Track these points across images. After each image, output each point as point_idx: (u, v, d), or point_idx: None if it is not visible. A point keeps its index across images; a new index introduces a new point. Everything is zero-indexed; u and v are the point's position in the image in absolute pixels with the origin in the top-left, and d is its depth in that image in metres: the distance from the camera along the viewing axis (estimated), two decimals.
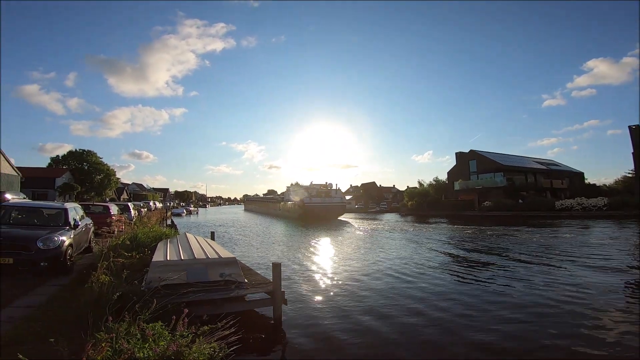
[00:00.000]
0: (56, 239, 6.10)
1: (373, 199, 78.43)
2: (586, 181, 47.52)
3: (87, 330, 2.99)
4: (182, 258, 5.53)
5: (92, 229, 9.29)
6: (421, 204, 47.19)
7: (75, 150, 50.02)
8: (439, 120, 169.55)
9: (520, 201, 37.90)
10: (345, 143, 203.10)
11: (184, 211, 54.06)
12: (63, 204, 8.24)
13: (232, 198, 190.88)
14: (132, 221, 15.37)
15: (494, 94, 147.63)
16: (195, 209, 71.08)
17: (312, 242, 17.52)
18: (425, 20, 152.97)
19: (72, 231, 6.97)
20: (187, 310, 3.34)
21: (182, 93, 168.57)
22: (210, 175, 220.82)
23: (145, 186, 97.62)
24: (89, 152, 49.72)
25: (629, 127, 34.90)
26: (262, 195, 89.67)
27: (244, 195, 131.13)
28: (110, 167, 51.94)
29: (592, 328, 5.17)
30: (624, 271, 9.12)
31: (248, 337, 4.33)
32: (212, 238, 11.09)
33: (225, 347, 3.10)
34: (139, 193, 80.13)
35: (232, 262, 5.60)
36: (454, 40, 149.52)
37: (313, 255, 13.27)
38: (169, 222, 20.87)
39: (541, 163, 50.36)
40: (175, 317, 3.18)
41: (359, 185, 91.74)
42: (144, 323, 3.12)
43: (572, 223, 24.91)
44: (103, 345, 2.51)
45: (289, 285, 7.73)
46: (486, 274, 9.35)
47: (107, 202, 22.84)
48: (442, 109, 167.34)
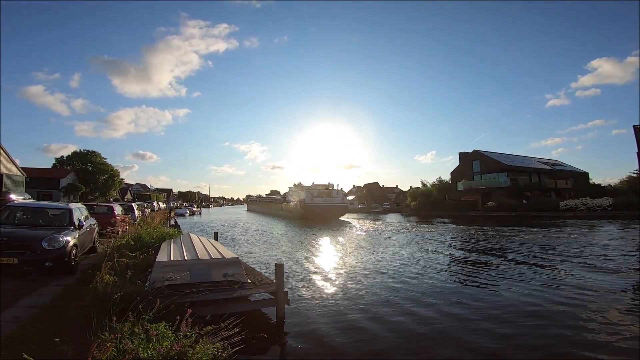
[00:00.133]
0: (61, 239, 6.14)
1: (376, 199, 78.38)
2: (591, 181, 47.14)
3: (91, 330, 3.00)
4: (186, 258, 5.55)
5: (97, 229, 9.35)
6: (424, 205, 46.99)
7: (80, 151, 50.62)
8: (442, 120, 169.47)
9: (524, 201, 37.70)
10: (348, 143, 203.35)
11: (188, 211, 54.30)
12: (67, 205, 8.30)
13: (235, 198, 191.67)
14: (135, 221, 15.52)
15: (497, 94, 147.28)
16: (199, 209, 71.31)
17: (314, 243, 17.52)
18: (427, 20, 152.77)
19: (77, 231, 7.01)
20: (190, 311, 3.34)
21: (185, 94, 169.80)
22: (214, 175, 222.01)
23: (149, 186, 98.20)
24: (93, 152, 50.20)
25: (634, 126, 34.56)
26: (265, 195, 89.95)
27: (246, 196, 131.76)
28: (114, 168, 52.47)
29: (595, 331, 5.11)
30: (628, 273, 9.02)
31: (251, 338, 4.33)
32: (216, 238, 11.12)
33: (229, 347, 3.10)
34: (142, 193, 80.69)
35: (235, 262, 5.61)
36: (457, 40, 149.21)
37: (314, 256, 13.27)
38: (173, 222, 20.99)
39: (545, 163, 50.01)
40: (179, 317, 3.19)
41: (361, 186, 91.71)
42: (148, 323, 3.14)
43: (577, 223, 24.69)
44: (108, 345, 2.53)
45: (291, 285, 7.73)
46: (490, 275, 9.28)
47: (111, 203, 22.99)
48: (446, 109, 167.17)
